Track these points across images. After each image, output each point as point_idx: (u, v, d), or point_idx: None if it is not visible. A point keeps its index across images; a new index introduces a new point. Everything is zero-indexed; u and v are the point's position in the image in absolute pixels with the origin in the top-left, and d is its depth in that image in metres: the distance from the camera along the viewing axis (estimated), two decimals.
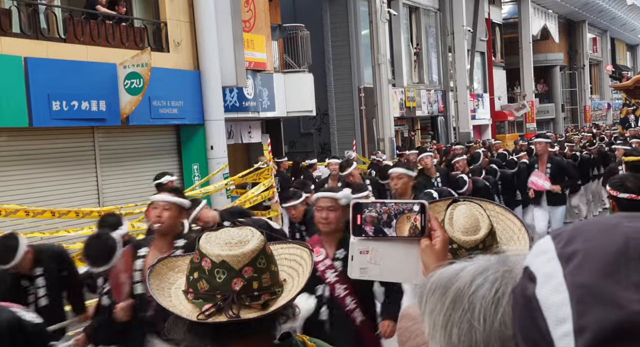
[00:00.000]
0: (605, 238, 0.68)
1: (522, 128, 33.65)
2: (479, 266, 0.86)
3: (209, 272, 1.50)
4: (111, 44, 11.38)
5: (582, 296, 0.65)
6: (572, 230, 0.72)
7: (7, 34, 9.75)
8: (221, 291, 1.48)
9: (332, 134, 20.42)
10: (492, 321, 0.81)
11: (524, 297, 0.71)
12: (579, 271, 0.67)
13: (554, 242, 0.71)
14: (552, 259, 0.70)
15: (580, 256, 0.68)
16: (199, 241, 1.55)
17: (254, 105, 14.94)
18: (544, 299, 0.68)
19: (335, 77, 20.31)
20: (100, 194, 11.41)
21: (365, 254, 1.46)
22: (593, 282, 0.65)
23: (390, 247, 1.45)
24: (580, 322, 0.65)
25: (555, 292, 0.67)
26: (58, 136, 10.80)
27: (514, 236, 2.14)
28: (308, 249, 1.66)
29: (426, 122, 25.81)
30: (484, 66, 30.17)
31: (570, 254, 0.68)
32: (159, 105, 11.96)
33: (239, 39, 13.19)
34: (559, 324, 0.66)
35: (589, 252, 0.68)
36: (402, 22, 23.15)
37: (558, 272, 0.68)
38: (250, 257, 1.50)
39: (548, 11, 37.80)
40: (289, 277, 1.61)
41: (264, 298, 1.51)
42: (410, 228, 1.43)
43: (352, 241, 1.48)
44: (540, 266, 0.71)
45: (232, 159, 13.88)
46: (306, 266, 1.62)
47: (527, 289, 0.71)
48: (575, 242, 0.69)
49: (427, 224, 1.41)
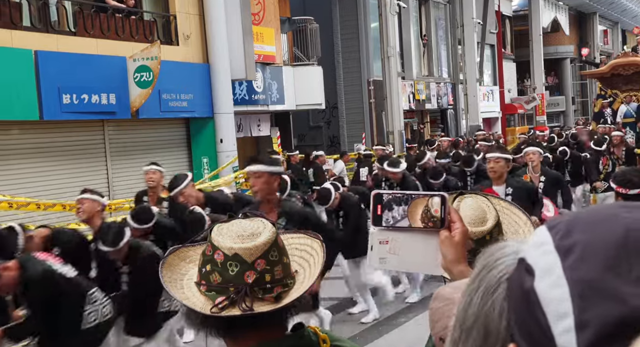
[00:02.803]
0: (604, 230, 0.67)
1: (532, 121, 33.51)
2: (511, 248, 0.84)
3: (221, 265, 1.50)
4: (121, 37, 11.42)
5: (583, 291, 0.64)
6: (569, 221, 0.71)
7: (18, 28, 9.79)
8: (234, 283, 1.49)
9: (341, 127, 20.41)
10: (486, 302, 0.80)
11: (522, 290, 0.70)
12: (578, 265, 0.65)
13: (550, 234, 0.70)
14: (550, 251, 0.68)
15: (579, 249, 0.66)
16: (211, 233, 1.55)
17: (263, 99, 14.95)
18: (543, 293, 0.67)
19: (344, 70, 20.28)
20: (111, 187, 11.46)
21: (385, 244, 1.47)
22: (594, 277, 0.64)
23: (410, 238, 1.46)
24: (582, 317, 0.63)
25: (555, 287, 0.66)
26: (68, 129, 10.86)
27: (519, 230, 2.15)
28: (319, 239, 1.67)
29: (436, 115, 25.75)
30: (494, 59, 30.03)
31: (569, 247, 0.67)
32: (169, 99, 11.99)
33: (249, 32, 13.19)
34: (559, 319, 0.65)
35: (588, 245, 0.66)
36: (412, 14, 23.07)
37: (557, 266, 0.67)
38: (262, 250, 1.50)
39: (558, 3, 37.56)
40: (300, 268, 1.61)
41: (277, 290, 1.51)
42: (422, 214, 1.45)
43: (372, 231, 1.49)
44: (538, 259, 0.69)
45: (242, 152, 13.91)
46: (317, 256, 1.62)
47: (525, 282, 0.69)
48: (574, 234, 0.68)
49: (447, 216, 1.43)
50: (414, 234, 1.46)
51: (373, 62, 20.24)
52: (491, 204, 2.14)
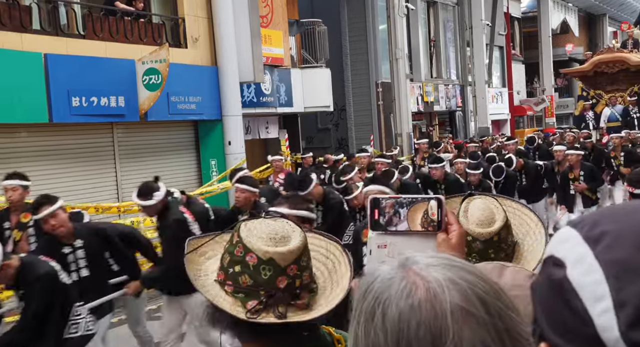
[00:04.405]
0: (631, 219, 0.70)
1: (541, 123, 33.40)
2: (377, 272, 0.82)
3: (253, 268, 1.48)
4: (130, 40, 11.46)
5: (618, 272, 0.66)
6: (594, 216, 0.74)
7: (28, 31, 9.85)
8: (265, 287, 1.47)
9: (349, 129, 20.39)
10: (369, 332, 0.77)
11: (553, 283, 0.72)
12: (610, 250, 0.68)
13: (576, 229, 0.73)
14: (579, 243, 0.71)
15: (609, 237, 0.69)
16: (240, 232, 1.52)
17: (272, 101, 14.97)
18: (577, 279, 0.69)
19: (352, 72, 20.27)
20: (120, 190, 11.50)
21: (383, 248, 1.47)
22: (627, 258, 0.67)
23: (408, 242, 1.45)
24: (620, 297, 0.66)
25: (589, 272, 0.68)
26: (77, 132, 10.90)
27: (530, 231, 2.14)
28: (336, 242, 1.65)
29: (444, 117, 25.70)
30: (503, 61, 29.95)
31: (597, 236, 0.70)
32: (177, 101, 12.02)
33: (257, 35, 13.21)
34: (596, 301, 0.67)
35: (617, 232, 0.69)
36: (420, 16, 23.04)
37: (588, 254, 0.69)
38: (296, 255, 1.49)
39: (568, 4, 37.44)
40: (317, 271, 1.60)
41: (304, 296, 1.51)
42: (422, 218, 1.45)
43: (370, 236, 1.49)
44: (567, 251, 0.72)
45: (250, 155, 13.92)
46: (336, 261, 1.61)
47: (555, 275, 0.72)
48: (601, 225, 0.71)
49: (444, 219, 1.42)
50: (412, 237, 1.46)
51: (381, 64, 20.22)
52: (500, 205, 2.13)
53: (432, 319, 0.72)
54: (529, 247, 2.14)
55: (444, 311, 0.72)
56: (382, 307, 0.76)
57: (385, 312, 0.75)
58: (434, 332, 0.71)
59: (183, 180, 12.37)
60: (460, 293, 0.74)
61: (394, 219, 1.47)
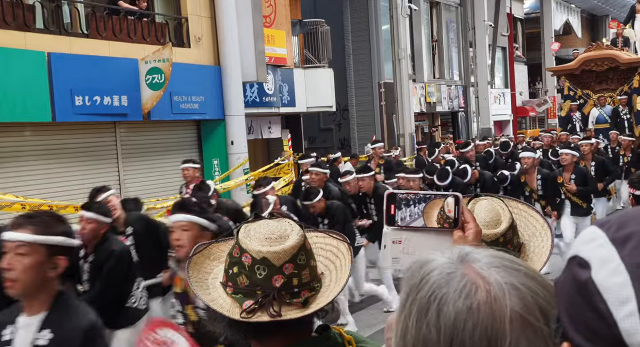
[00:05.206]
0: None
1: (543, 124, 33.37)
2: (434, 263, 0.82)
3: (249, 268, 1.48)
4: (133, 39, 11.46)
5: None
6: (621, 216, 0.72)
7: (31, 30, 9.85)
8: (261, 287, 1.47)
9: (352, 129, 20.39)
10: (421, 325, 0.77)
11: (577, 283, 0.71)
12: (637, 252, 0.67)
13: (602, 230, 0.71)
14: (605, 244, 0.70)
15: (637, 238, 0.68)
16: (238, 234, 1.53)
17: (274, 101, 14.97)
18: (602, 282, 0.68)
19: (355, 72, 20.28)
20: (122, 189, 11.50)
21: (398, 244, 1.46)
22: None
23: (423, 238, 1.45)
24: None
25: (614, 274, 0.67)
26: (80, 131, 10.91)
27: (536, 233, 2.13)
28: (346, 241, 1.65)
29: (447, 118, 25.69)
30: (505, 61, 29.94)
31: (624, 238, 0.69)
32: (180, 101, 12.02)
33: (260, 35, 13.22)
34: (621, 304, 0.66)
35: None
36: (423, 16, 23.03)
37: (614, 256, 0.68)
38: (291, 254, 1.49)
39: (570, 5, 37.41)
40: (326, 269, 1.59)
41: (304, 294, 1.50)
42: (439, 214, 1.44)
43: (385, 231, 1.48)
44: (592, 252, 0.70)
45: (252, 154, 13.93)
46: (344, 259, 1.61)
47: (580, 276, 0.70)
48: (629, 226, 0.70)
49: (460, 216, 1.42)
50: (428, 234, 1.46)
51: (384, 64, 20.22)
52: (506, 206, 2.12)
53: (489, 324, 0.71)
54: (534, 248, 2.13)
55: (502, 317, 0.72)
56: (437, 303, 0.76)
57: (441, 308, 0.75)
58: (489, 337, 0.71)
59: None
60: (521, 300, 0.73)
61: (410, 214, 1.47)
